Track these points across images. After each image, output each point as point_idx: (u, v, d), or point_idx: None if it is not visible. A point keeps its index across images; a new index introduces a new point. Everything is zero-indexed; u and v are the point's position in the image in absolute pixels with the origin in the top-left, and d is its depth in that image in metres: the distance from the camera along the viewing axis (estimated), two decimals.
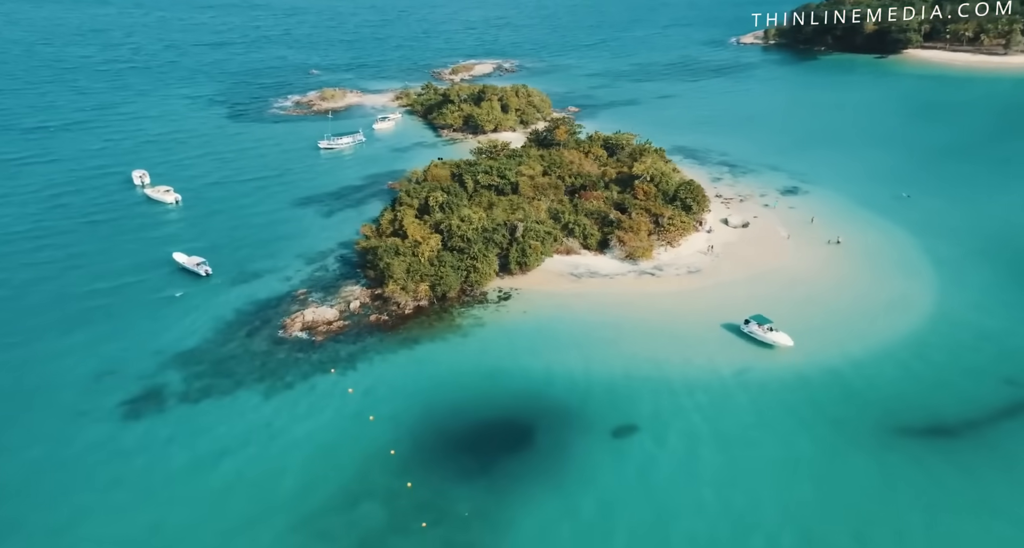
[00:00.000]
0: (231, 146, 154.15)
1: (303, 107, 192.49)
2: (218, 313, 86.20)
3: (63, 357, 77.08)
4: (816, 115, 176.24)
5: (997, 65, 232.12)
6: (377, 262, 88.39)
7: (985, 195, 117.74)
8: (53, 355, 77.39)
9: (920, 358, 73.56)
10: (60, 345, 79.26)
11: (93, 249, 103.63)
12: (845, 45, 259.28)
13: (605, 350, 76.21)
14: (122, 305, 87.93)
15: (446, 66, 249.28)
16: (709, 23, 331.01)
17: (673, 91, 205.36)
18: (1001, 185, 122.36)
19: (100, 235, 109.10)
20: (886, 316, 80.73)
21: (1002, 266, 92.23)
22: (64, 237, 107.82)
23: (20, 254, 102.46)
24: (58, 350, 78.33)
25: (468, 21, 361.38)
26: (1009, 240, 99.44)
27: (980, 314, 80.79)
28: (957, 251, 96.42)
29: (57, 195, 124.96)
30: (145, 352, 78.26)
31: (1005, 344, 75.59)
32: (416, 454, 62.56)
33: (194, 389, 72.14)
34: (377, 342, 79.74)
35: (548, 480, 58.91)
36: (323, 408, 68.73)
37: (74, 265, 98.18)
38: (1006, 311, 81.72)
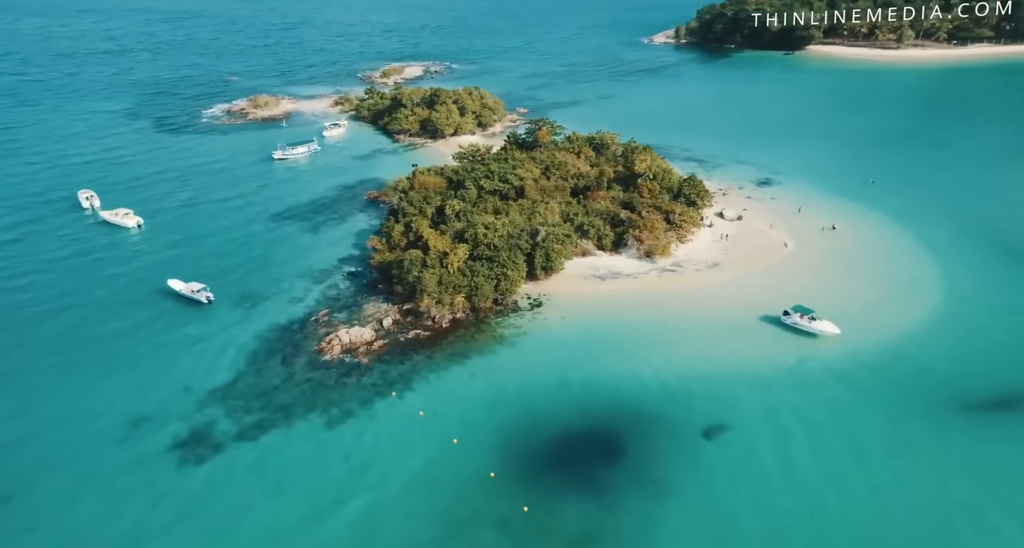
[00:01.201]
0: (179, 162, 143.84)
1: (236, 116, 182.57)
2: (239, 342, 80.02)
3: (88, 409, 69.16)
4: (756, 109, 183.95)
5: (892, 58, 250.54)
6: (405, 276, 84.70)
7: (941, 179, 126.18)
8: (77, 408, 69.32)
9: (971, 333, 77.32)
10: (80, 396, 71.15)
11: (76, 286, 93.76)
12: (753, 42, 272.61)
13: (660, 351, 76.03)
14: (132, 343, 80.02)
15: (373, 69, 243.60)
16: (619, 25, 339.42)
17: (612, 91, 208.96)
18: (951, 170, 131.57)
19: (74, 269, 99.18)
20: (911, 297, 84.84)
21: (985, 245, 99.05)
22: (40, 276, 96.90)
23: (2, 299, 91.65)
24: (80, 401, 70.31)
25: (382, 23, 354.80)
26: (982, 221, 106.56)
27: (993, 292, 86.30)
28: (942, 233, 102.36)
29: (5, 228, 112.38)
30: (175, 391, 71.60)
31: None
32: (513, 474, 60.14)
33: (247, 426, 66.60)
34: (426, 359, 76.36)
35: (657, 489, 57.80)
36: (399, 434, 65.00)
37: (64, 305, 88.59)
38: (1013, 288, 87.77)
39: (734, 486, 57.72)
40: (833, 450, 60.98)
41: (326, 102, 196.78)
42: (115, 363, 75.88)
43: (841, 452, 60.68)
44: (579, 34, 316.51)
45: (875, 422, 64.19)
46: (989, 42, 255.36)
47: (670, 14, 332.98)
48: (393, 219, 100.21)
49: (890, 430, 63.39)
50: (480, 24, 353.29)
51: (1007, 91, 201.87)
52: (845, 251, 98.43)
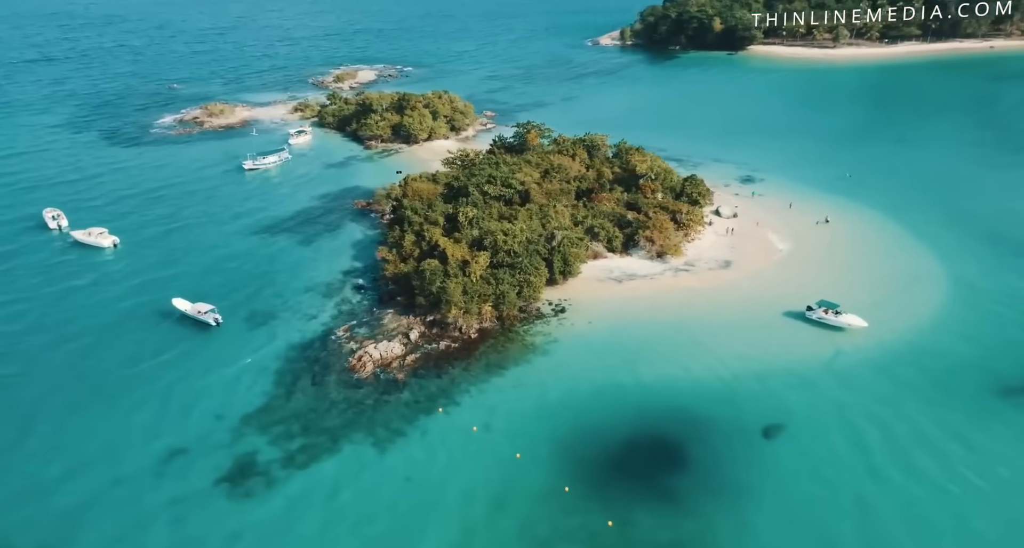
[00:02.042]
0: (143, 176, 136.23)
1: (190, 125, 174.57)
2: (261, 364, 76.07)
3: (119, 445, 64.34)
4: (717, 108, 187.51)
5: (831, 57, 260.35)
6: (427, 286, 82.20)
7: (911, 171, 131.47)
8: (109, 445, 64.34)
9: (986, 320, 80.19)
10: (109, 431, 66.12)
11: (70, 314, 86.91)
12: (697, 43, 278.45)
13: (695, 352, 76.09)
14: (149, 371, 74.90)
15: (325, 74, 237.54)
16: (559, 28, 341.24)
17: (574, 92, 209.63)
18: (917, 162, 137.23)
19: (60, 295, 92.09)
20: (920, 287, 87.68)
21: (970, 232, 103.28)
22: (27, 305, 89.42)
23: None
24: (111, 438, 65.34)
25: (323, 27, 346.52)
26: (960, 209, 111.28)
27: (991, 278, 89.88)
28: (928, 222, 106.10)
29: None
30: (207, 420, 67.45)
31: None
32: (583, 486, 58.78)
33: (294, 453, 63.23)
34: (463, 372, 74.25)
35: (734, 493, 57.40)
36: (456, 452, 62.81)
37: (65, 335, 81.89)
38: (1009, 273, 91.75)
39: (813, 487, 57.73)
40: (901, 444, 61.84)
41: (284, 109, 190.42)
42: (136, 394, 70.84)
43: (909, 445, 61.59)
44: (526, 37, 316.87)
45: (929, 412, 65.63)
46: (917, 40, 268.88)
47: (608, 17, 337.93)
48: (399, 228, 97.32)
49: (947, 419, 64.73)
50: (423, 28, 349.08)
51: (943, 86, 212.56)
52: (845, 244, 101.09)
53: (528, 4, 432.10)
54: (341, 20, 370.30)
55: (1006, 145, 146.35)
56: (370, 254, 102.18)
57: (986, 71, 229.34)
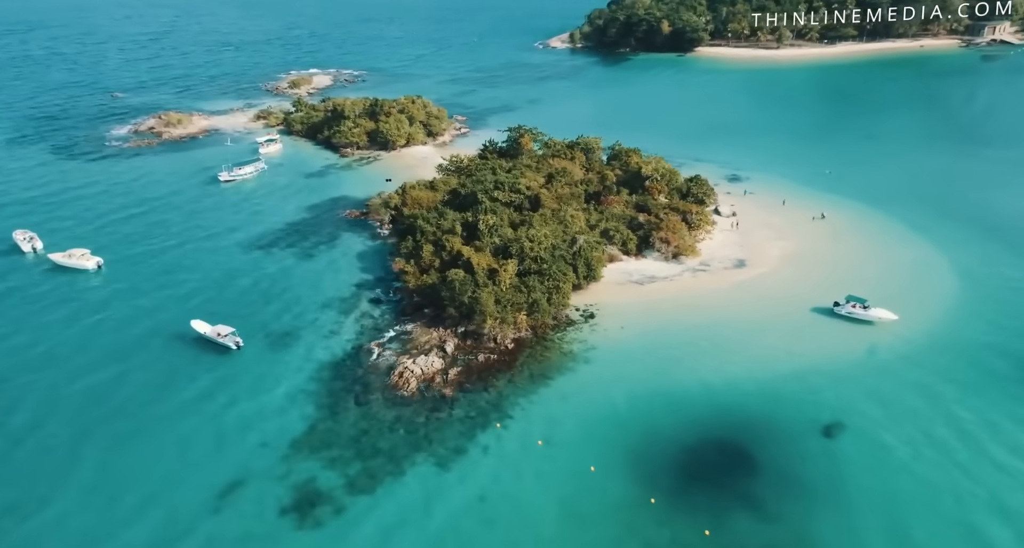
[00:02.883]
0: (111, 192, 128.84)
1: (147, 136, 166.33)
2: (295, 386, 72.47)
3: (168, 484, 59.97)
4: (683, 109, 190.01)
5: (775, 57, 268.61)
6: (458, 297, 79.93)
7: (887, 166, 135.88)
8: (156, 487, 59.73)
9: (1002, 308, 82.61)
10: (151, 471, 61.44)
11: (74, 344, 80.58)
12: (647, 45, 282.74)
13: (736, 353, 76.09)
14: (178, 401, 70.23)
15: (276, 80, 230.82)
16: (506, 31, 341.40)
17: (537, 95, 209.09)
18: (891, 156, 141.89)
19: (56, 324, 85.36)
20: (930, 277, 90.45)
21: (959, 223, 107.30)
22: (24, 338, 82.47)
23: None
24: (155, 478, 60.74)
25: (264, 31, 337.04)
26: (944, 201, 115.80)
27: (993, 267, 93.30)
28: (916, 214, 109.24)
29: None
30: (253, 449, 63.69)
31: None
32: (666, 496, 57.60)
33: (355, 477, 60.25)
34: (508, 384, 72.40)
35: (822, 495, 56.90)
36: (525, 468, 60.85)
37: (78, 368, 75.81)
38: (1007, 261, 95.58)
39: (894, 485, 57.88)
40: (970, 433, 62.87)
41: (244, 117, 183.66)
42: (173, 428, 66.22)
43: (979, 434, 62.74)
44: (475, 40, 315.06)
45: (985, 399, 67.18)
46: (854, 41, 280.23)
47: (550, 20, 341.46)
48: (411, 239, 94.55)
49: (1006, 406, 66.25)
50: (368, 32, 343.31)
51: (891, 83, 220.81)
52: (846, 239, 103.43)
53: (468, 8, 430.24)
54: (281, 24, 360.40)
55: (967, 139, 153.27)
56: (376, 265, 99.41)
57: (923, 68, 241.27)
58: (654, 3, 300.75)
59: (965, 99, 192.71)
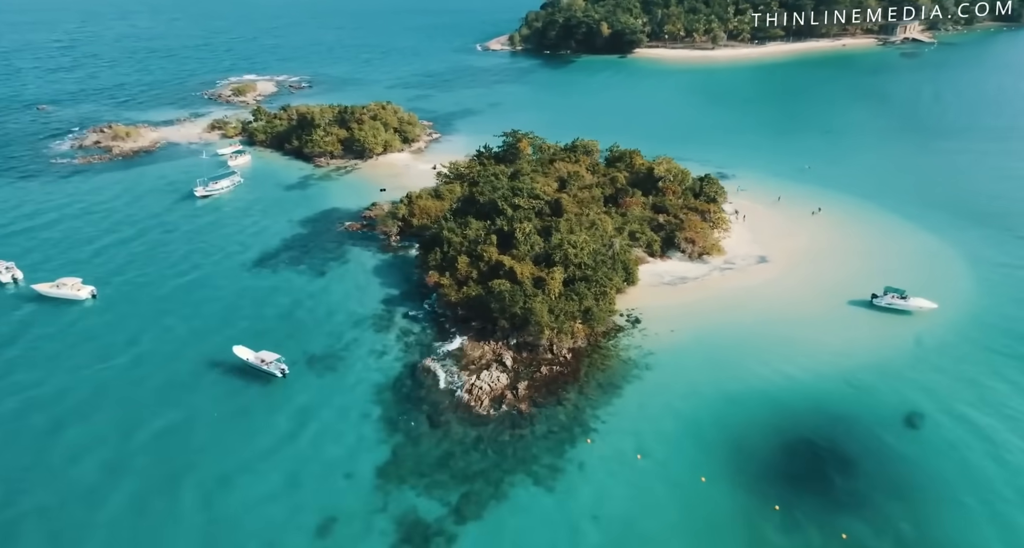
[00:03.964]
0: (82, 215, 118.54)
1: (95, 152, 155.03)
2: (360, 412, 68.82)
3: (264, 530, 55.66)
4: (644, 110, 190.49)
5: (712, 57, 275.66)
6: (510, 308, 77.62)
7: (856, 160, 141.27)
8: (252, 534, 55.49)
9: None
10: (242, 520, 56.88)
11: (105, 387, 73.81)
12: (587, 47, 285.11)
13: (792, 350, 76.51)
14: (239, 437, 65.46)
15: (215, 86, 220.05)
16: (443, 33, 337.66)
17: (496, 98, 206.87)
18: (854, 151, 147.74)
19: (78, 364, 77.74)
20: (949, 264, 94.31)
21: (949, 211, 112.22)
22: (57, 383, 74.37)
23: None
24: (248, 525, 56.42)
25: (191, 36, 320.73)
26: (927, 191, 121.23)
27: (996, 250, 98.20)
28: (907, 205, 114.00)
29: None
30: (338, 482, 59.93)
31: None
32: (786, 503, 56.97)
33: (456, 504, 57.60)
34: (580, 396, 70.75)
35: (935, 491, 57.85)
36: (631, 484, 59.24)
37: (129, 419, 68.79)
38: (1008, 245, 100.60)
39: (989, 471, 59.52)
40: None
41: (196, 128, 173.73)
42: (245, 469, 61.31)
43: None
44: (420, 43, 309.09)
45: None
46: (782, 40, 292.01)
47: (487, 20, 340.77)
48: (439, 250, 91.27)
49: None
50: (302, 36, 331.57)
51: (828, 80, 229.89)
52: (850, 231, 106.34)
53: (399, 10, 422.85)
54: (204, 29, 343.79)
55: (919, 131, 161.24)
56: (397, 279, 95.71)
57: (853, 66, 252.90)
58: (590, 6, 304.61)
59: (903, 93, 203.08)
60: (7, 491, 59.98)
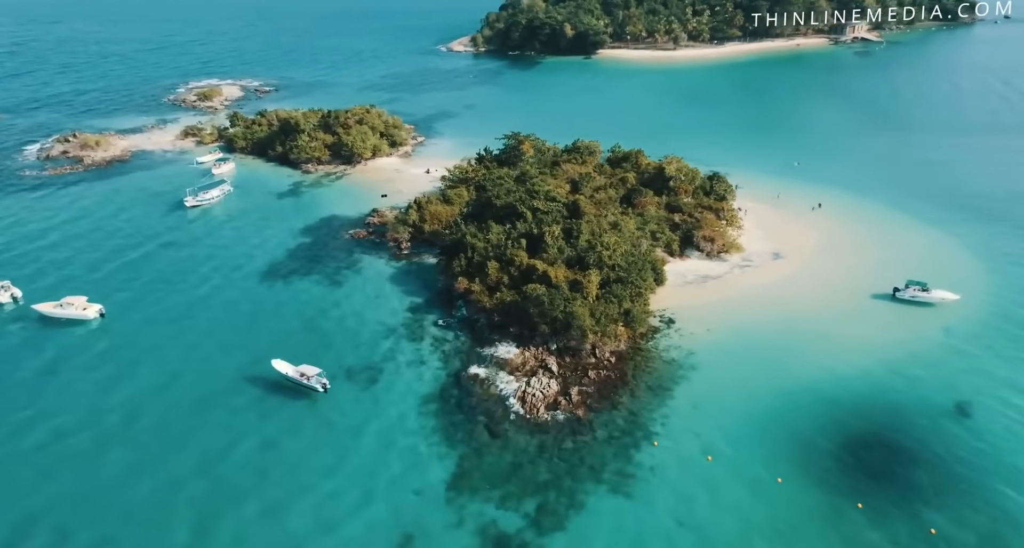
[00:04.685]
0: (68, 229, 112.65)
1: (66, 162, 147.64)
2: (415, 424, 67.26)
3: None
4: (620, 109, 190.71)
5: (674, 58, 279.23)
6: (549, 312, 76.72)
7: (839, 155, 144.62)
8: None
9: None
10: (311, 543, 54.92)
11: (137, 411, 70.61)
12: (551, 49, 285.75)
13: (829, 346, 77.63)
14: (297, 462, 62.89)
15: (175, 91, 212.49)
16: (403, 34, 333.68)
17: (470, 100, 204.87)
18: (834, 146, 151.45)
19: (101, 387, 73.85)
20: (956, 255, 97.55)
21: (940, 202, 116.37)
22: (72, 411, 70.42)
23: None
24: None
25: (139, 40, 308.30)
26: (913, 183, 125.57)
27: (999, 240, 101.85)
28: (902, 198, 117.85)
29: None
30: (407, 499, 58.42)
31: None
32: (864, 499, 57.59)
33: (534, 516, 56.73)
34: (632, 399, 70.36)
35: (983, 473, 59.67)
36: (709, 486, 58.95)
37: (172, 443, 65.57)
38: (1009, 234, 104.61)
39: None
40: None
41: (167, 135, 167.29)
42: (313, 490, 59.16)
43: None
44: (380, 46, 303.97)
45: None
46: (739, 41, 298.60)
47: (443, 22, 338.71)
48: (463, 256, 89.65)
49: None
50: (260, 38, 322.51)
51: (788, 78, 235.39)
52: (854, 225, 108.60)
53: (346, 15, 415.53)
54: (154, 32, 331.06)
55: (891, 127, 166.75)
56: (417, 286, 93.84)
57: (812, 64, 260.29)
58: (552, 7, 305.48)
59: (867, 90, 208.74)
60: (62, 525, 56.32)
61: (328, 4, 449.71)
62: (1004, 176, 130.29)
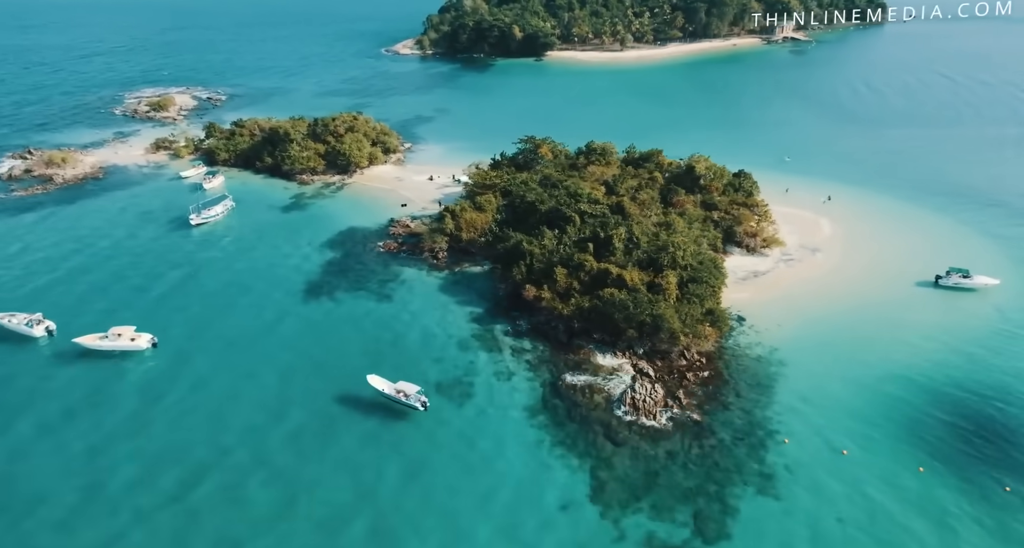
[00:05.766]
0: (72, 255, 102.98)
1: (35, 182, 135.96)
2: (533, 437, 65.47)
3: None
4: (591, 110, 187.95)
5: (621, 58, 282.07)
6: (636, 316, 75.98)
7: (824, 149, 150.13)
8: None
9: None
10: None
11: (211, 463, 65.86)
12: (500, 51, 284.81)
13: (898, 335, 79.94)
14: (437, 487, 60.13)
15: (122, 102, 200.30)
16: (343, 38, 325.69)
17: (441, 104, 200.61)
18: (816, 140, 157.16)
19: (180, 427, 69.16)
20: (979, 242, 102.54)
21: (942, 193, 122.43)
22: (160, 448, 65.01)
23: None
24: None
25: (71, 48, 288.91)
26: (907, 174, 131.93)
27: (1006, 225, 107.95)
28: (903, 189, 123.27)
29: None
30: (555, 513, 56.91)
31: None
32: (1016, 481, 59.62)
33: (695, 524, 55.83)
34: (736, 398, 70.43)
35: None
36: (854, 482, 59.22)
37: (275, 472, 61.89)
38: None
39: None
40: None
41: (134, 149, 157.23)
42: (447, 508, 57.05)
43: None
44: (327, 50, 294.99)
45: None
46: (680, 41, 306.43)
47: (379, 25, 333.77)
48: (523, 263, 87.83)
49: None
50: (195, 43, 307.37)
51: (742, 76, 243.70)
52: (870, 217, 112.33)
53: (272, 23, 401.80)
54: (76, 39, 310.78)
55: (864, 121, 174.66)
56: (472, 296, 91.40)
57: (756, 62, 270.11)
58: (496, 9, 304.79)
59: (819, 87, 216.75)
60: None
61: (252, 9, 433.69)
62: (977, 164, 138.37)
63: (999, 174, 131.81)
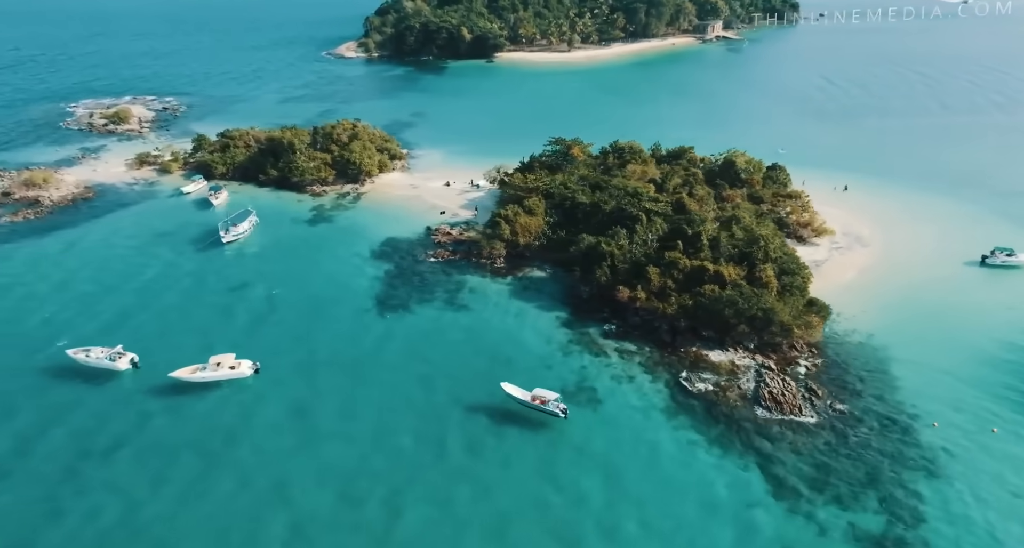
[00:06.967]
0: (119, 286, 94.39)
1: (22, 206, 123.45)
2: (685, 439, 65.75)
3: None
4: (566, 109, 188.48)
5: (570, 59, 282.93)
6: (746, 311, 76.73)
7: (815, 141, 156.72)
8: None
9: None
10: None
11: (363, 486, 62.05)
12: (449, 53, 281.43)
13: (983, 311, 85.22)
14: (588, 495, 58.73)
15: (71, 115, 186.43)
16: (275, 43, 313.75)
17: (417, 108, 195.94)
18: (803, 134, 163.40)
19: (314, 454, 64.93)
20: (1002, 223, 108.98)
21: (946, 180, 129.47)
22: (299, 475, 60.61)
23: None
24: None
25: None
26: (904, 162, 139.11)
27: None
28: (910, 178, 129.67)
29: None
30: (743, 512, 57.38)
31: None
32: None
33: (888, 512, 57.03)
34: (862, 385, 72.57)
35: None
36: (1013, 460, 62.16)
37: (428, 490, 59.45)
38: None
39: None
40: None
41: (112, 165, 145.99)
42: (641, 516, 56.00)
43: None
44: (271, 54, 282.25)
45: None
46: (622, 41, 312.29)
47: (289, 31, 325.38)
48: (604, 264, 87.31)
49: None
50: (126, 50, 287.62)
51: (697, 75, 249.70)
52: (890, 203, 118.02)
53: (187, 25, 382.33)
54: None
55: (839, 114, 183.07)
56: (550, 301, 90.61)
57: (702, 61, 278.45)
58: (441, 11, 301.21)
59: (778, 81, 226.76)
60: None
61: (163, 18, 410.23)
62: (954, 150, 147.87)
63: (990, 160, 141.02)
